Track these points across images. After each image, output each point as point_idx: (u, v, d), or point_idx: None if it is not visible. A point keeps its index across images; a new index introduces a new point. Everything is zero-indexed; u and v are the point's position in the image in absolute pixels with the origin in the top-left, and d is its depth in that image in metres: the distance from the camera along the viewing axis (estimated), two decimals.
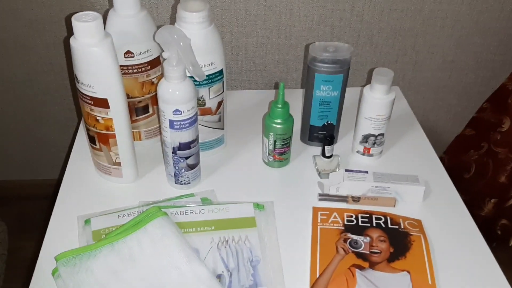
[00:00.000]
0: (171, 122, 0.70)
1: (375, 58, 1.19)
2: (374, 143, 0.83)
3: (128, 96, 0.79)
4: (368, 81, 1.22)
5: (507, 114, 1.23)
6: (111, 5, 0.74)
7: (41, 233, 0.73)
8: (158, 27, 0.70)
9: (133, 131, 0.84)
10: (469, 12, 1.13)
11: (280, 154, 0.82)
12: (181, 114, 0.69)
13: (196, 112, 0.72)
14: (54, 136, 1.31)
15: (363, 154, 0.84)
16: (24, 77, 1.19)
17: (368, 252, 0.67)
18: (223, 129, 0.85)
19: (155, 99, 0.83)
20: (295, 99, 0.97)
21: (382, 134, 0.82)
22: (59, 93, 1.22)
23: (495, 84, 1.27)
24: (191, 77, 0.70)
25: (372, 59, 1.19)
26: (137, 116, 0.83)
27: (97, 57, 0.66)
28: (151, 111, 0.84)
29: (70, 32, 1.07)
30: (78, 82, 0.69)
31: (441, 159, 1.40)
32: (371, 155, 0.84)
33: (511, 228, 1.26)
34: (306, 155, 0.87)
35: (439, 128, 1.36)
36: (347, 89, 0.83)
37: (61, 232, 0.72)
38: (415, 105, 1.26)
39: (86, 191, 0.79)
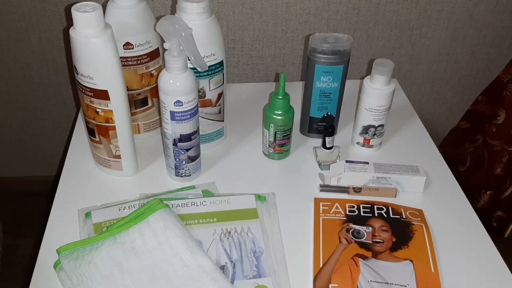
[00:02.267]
0: (172, 114, 0.70)
1: (372, 50, 1.19)
2: (374, 134, 0.83)
3: (127, 89, 0.78)
4: (367, 74, 1.22)
5: (502, 107, 1.23)
6: None
7: (38, 231, 0.73)
8: (158, 18, 0.69)
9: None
10: (464, 5, 1.14)
11: (281, 145, 0.81)
12: (182, 105, 0.69)
13: (197, 104, 0.71)
14: (49, 132, 1.30)
15: (363, 145, 0.85)
16: (18, 72, 1.17)
17: (370, 242, 0.67)
18: (223, 121, 0.84)
19: (154, 92, 0.82)
20: (294, 92, 0.97)
21: (382, 125, 0.82)
22: (54, 88, 1.21)
23: (490, 76, 1.28)
24: (192, 68, 0.69)
25: (368, 52, 1.19)
26: (136, 108, 0.83)
27: (97, 48, 0.65)
28: (150, 103, 0.84)
29: (69, 23, 1.06)
30: (77, 74, 0.69)
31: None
32: (371, 146, 0.84)
33: (507, 220, 1.27)
34: (306, 146, 0.87)
35: (434, 120, 1.37)
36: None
37: (61, 226, 0.71)
38: (411, 98, 1.26)
39: (85, 185, 0.78)
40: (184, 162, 0.75)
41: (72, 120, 1.26)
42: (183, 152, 0.74)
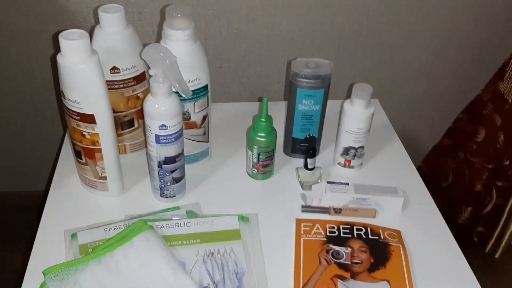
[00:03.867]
0: (157, 137, 0.71)
1: (355, 70, 1.22)
2: (354, 156, 0.85)
3: (113, 111, 0.80)
4: (348, 95, 1.25)
5: (482, 125, 1.27)
6: (95, 18, 0.75)
7: (27, 245, 0.74)
8: (144, 44, 0.71)
9: (118, 145, 0.85)
10: (445, 25, 1.17)
11: (264, 166, 0.83)
12: (167, 129, 0.71)
13: (182, 127, 0.73)
14: (38, 148, 1.31)
15: (344, 166, 0.87)
16: (7, 88, 1.18)
17: (349, 262, 0.70)
18: (207, 142, 0.86)
19: (140, 113, 0.84)
20: (278, 112, 0.99)
21: (362, 147, 0.84)
22: (42, 105, 1.22)
23: (471, 95, 1.31)
24: (176, 92, 0.72)
25: (351, 71, 1.22)
26: (122, 130, 0.84)
27: (84, 74, 0.67)
28: (136, 125, 0.85)
29: (57, 48, 1.08)
30: (64, 98, 0.70)
31: (419, 168, 1.44)
32: (352, 167, 0.87)
33: (487, 235, 1.30)
34: (289, 167, 0.89)
35: (417, 138, 1.40)
36: (328, 101, 0.86)
37: (48, 247, 0.72)
38: (393, 116, 1.28)
39: (72, 205, 0.79)
40: (168, 184, 0.77)
41: (60, 136, 1.28)
42: (167, 174, 0.76)
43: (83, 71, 0.67)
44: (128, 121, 0.84)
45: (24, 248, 0.79)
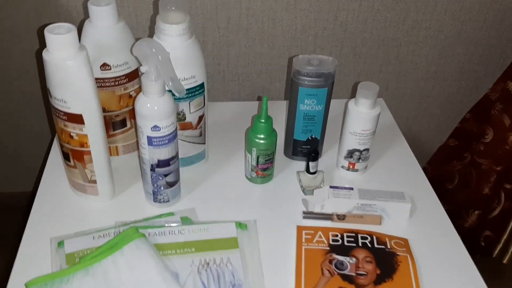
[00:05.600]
0: (150, 139, 0.67)
1: (359, 68, 1.18)
2: (359, 158, 0.81)
3: (104, 110, 0.76)
4: (352, 94, 1.21)
5: (490, 125, 1.22)
6: (87, 14, 0.70)
7: (13, 248, 0.70)
8: (137, 39, 0.67)
9: (110, 146, 0.81)
10: (452, 23, 1.12)
11: (263, 170, 0.79)
12: (160, 130, 0.66)
13: (176, 128, 0.69)
14: (29, 147, 1.27)
15: (348, 169, 0.82)
16: None
17: (354, 274, 0.65)
18: (204, 143, 0.82)
19: (133, 113, 0.80)
20: (279, 112, 0.95)
21: (367, 149, 0.80)
22: (34, 103, 1.18)
23: (478, 94, 1.27)
24: (170, 90, 0.67)
25: (355, 70, 1.18)
26: (114, 130, 0.80)
27: (71, 71, 0.62)
28: (129, 125, 0.81)
29: (42, 44, 1.03)
30: (51, 97, 0.66)
31: (424, 169, 1.39)
32: (356, 170, 0.82)
33: (495, 240, 1.26)
34: (290, 170, 0.85)
35: (422, 138, 1.35)
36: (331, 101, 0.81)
37: (32, 255, 0.68)
38: (398, 115, 1.25)
39: (59, 210, 0.75)
40: (162, 188, 0.73)
41: (50, 135, 1.23)
42: (161, 178, 0.71)
43: (70, 68, 0.62)
44: (120, 121, 0.79)
45: (10, 250, 0.75)
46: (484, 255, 1.29)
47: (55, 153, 0.85)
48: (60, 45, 0.61)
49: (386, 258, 0.68)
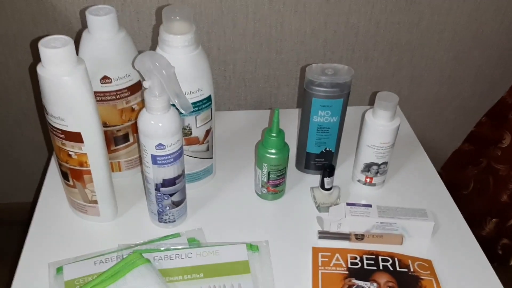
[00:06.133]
0: (154, 158, 0.62)
1: (371, 73, 1.13)
2: (377, 172, 0.76)
3: (105, 125, 0.72)
4: (364, 100, 1.16)
5: (507, 130, 1.17)
6: (85, 23, 0.66)
7: (12, 262, 0.65)
8: (139, 51, 0.62)
9: (112, 162, 0.76)
10: (468, 25, 1.08)
11: (275, 186, 0.74)
12: (164, 148, 0.62)
13: (182, 145, 0.64)
14: (28, 158, 1.22)
15: (365, 183, 0.78)
16: None
17: None
18: (211, 158, 0.77)
19: (136, 127, 0.75)
20: (290, 121, 0.90)
21: (385, 163, 0.75)
22: (33, 113, 1.13)
23: (494, 98, 1.22)
24: (173, 104, 0.62)
25: (367, 74, 1.13)
26: (116, 145, 0.75)
27: (68, 87, 0.58)
28: (131, 139, 0.76)
29: (36, 57, 0.98)
30: (47, 114, 0.61)
31: (438, 174, 1.34)
32: (374, 184, 0.78)
33: None
34: (302, 184, 0.80)
35: (436, 143, 1.31)
36: None
37: (29, 283, 0.63)
38: (411, 121, 1.19)
39: (58, 232, 0.70)
40: (168, 208, 0.68)
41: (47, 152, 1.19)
42: (166, 198, 0.67)
43: (67, 84, 0.58)
44: (123, 135, 0.75)
45: (9, 264, 0.71)
46: (501, 263, 1.24)
47: (53, 170, 0.81)
48: (56, 59, 0.56)
49: (410, 282, 0.63)
